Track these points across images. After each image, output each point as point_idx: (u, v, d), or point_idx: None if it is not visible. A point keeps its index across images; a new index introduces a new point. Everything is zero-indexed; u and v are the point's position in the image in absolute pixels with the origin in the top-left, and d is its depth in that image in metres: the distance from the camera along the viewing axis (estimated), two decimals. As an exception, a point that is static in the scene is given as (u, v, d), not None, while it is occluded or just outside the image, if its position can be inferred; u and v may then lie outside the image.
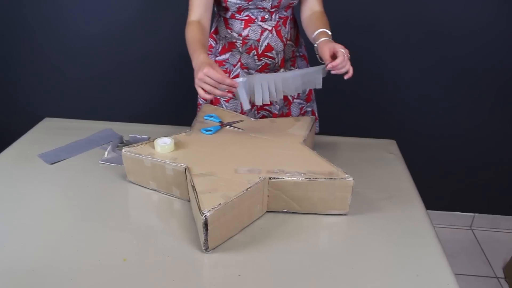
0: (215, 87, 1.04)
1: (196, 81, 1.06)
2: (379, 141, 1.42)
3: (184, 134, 1.20)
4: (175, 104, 2.02)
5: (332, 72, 1.13)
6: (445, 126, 2.02)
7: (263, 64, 1.32)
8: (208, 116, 1.29)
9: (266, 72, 1.33)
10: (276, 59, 1.32)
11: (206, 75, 1.03)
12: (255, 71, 1.34)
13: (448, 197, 2.20)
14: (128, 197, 1.12)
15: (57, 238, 0.95)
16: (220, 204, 0.90)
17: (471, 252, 2.13)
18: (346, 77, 1.13)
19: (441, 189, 2.18)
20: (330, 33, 1.21)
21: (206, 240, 0.90)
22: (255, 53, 1.30)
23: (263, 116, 1.40)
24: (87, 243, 0.94)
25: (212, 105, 1.38)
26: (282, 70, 1.36)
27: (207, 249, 0.91)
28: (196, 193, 0.94)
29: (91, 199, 1.09)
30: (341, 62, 1.10)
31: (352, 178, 1.00)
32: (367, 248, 0.95)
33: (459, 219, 2.26)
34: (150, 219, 1.03)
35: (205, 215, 0.87)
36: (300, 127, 1.25)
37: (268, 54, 1.31)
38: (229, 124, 1.25)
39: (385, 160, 1.32)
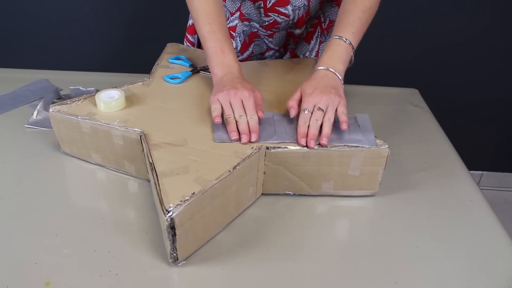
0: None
1: (221, 96, 0.73)
2: (399, 91, 1.10)
3: (140, 83, 0.85)
4: (140, 48, 1.62)
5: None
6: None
7: (271, 21, 0.94)
8: (175, 59, 0.94)
9: (274, 32, 0.97)
10: (292, 16, 0.93)
11: (241, 99, 0.72)
12: (260, 27, 0.96)
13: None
14: (62, 176, 0.78)
15: None
16: (194, 194, 0.58)
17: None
18: (322, 142, 0.69)
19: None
20: (347, 42, 0.77)
21: (173, 249, 0.58)
22: (262, 5, 0.92)
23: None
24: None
25: (180, 44, 1.02)
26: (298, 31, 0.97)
27: (175, 260, 0.60)
28: (156, 175, 0.61)
29: (10, 179, 0.75)
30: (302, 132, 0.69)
31: (387, 146, 0.69)
32: (409, 245, 0.66)
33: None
34: (91, 212, 0.69)
35: (170, 215, 0.55)
36: (302, 72, 0.91)
37: (280, 10, 0.92)
38: (204, 69, 0.91)
39: (410, 114, 1.00)
